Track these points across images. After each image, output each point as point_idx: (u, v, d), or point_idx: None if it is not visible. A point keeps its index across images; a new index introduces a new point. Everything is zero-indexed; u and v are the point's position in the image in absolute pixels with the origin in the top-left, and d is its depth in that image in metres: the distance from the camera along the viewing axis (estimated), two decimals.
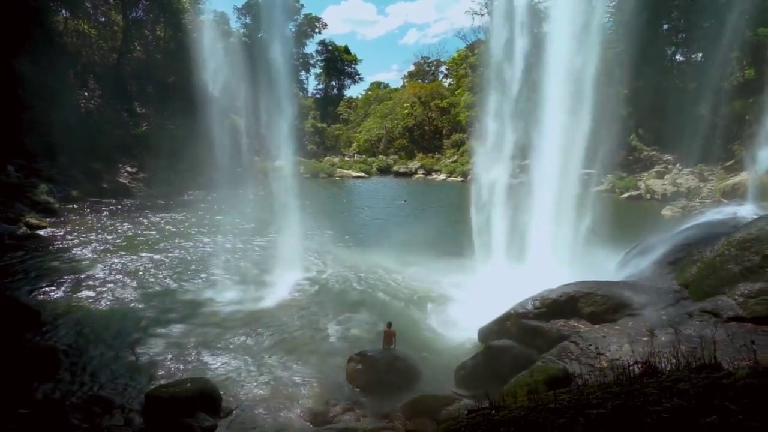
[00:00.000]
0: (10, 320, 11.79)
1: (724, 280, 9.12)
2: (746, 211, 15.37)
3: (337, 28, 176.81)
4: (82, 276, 16.26)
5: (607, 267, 14.57)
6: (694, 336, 7.27)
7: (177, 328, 12.40)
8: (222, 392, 8.84)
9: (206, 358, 10.81)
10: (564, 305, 10.31)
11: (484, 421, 3.29)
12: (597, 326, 9.44)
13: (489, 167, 18.65)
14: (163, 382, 9.26)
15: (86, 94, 42.46)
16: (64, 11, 42.48)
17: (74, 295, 14.44)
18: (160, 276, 16.86)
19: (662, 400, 2.87)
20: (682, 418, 2.56)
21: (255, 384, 9.69)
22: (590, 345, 8.31)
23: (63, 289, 14.93)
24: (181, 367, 10.36)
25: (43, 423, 7.35)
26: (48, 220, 24.54)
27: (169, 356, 10.85)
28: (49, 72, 35.48)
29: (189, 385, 8.48)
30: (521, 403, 3.80)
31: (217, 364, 10.50)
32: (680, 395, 2.89)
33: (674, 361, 4.13)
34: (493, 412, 3.49)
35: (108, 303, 14.05)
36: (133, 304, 14.03)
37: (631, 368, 4.10)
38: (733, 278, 8.98)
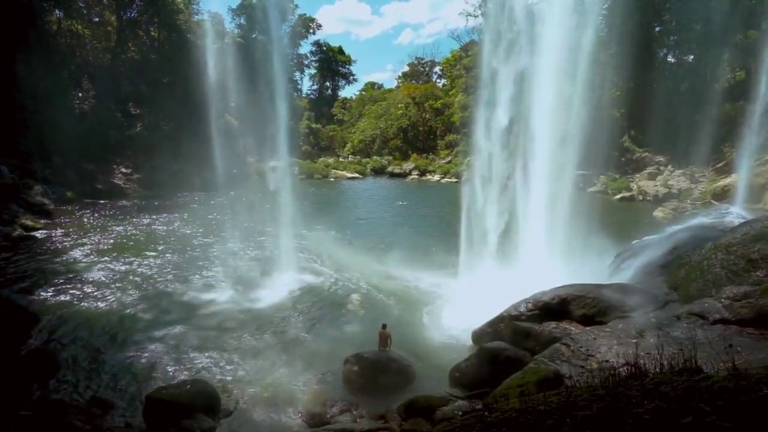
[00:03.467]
0: (8, 322, 11.88)
1: (711, 283, 9.37)
2: (734, 214, 15.68)
3: (331, 28, 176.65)
4: (79, 278, 16.35)
5: (600, 269, 14.81)
6: (681, 338, 7.50)
7: (175, 330, 12.52)
8: (220, 394, 8.97)
9: (204, 359, 10.94)
10: (556, 307, 10.54)
11: (477, 422, 3.48)
12: (588, 328, 9.66)
13: (483, 168, 18.81)
14: (162, 383, 9.38)
15: (80, 94, 42.38)
16: (57, 11, 42.30)
17: (71, 297, 14.53)
18: (157, 277, 16.96)
19: (644, 402, 3.07)
20: (661, 419, 2.75)
21: (253, 385, 9.83)
22: (581, 347, 8.53)
23: (60, 291, 15.01)
24: (180, 368, 10.50)
25: (45, 424, 7.46)
26: (43, 221, 24.56)
27: (168, 358, 10.97)
28: (43, 72, 35.40)
29: (188, 386, 8.61)
30: (513, 404, 3.99)
31: (215, 366, 10.64)
32: (661, 397, 3.08)
33: (659, 364, 4.33)
34: (486, 413, 3.68)
35: (105, 305, 14.14)
36: (130, 306, 14.13)
37: (617, 371, 4.31)
38: (719, 281, 9.23)
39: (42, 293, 14.75)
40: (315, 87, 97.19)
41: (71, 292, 15.01)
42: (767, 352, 5.79)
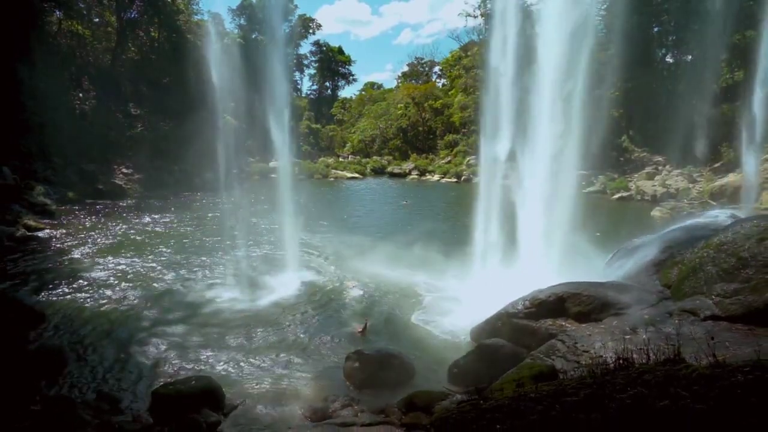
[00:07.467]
0: (15, 321, 12.11)
1: (703, 281, 9.59)
2: (728, 213, 15.93)
3: (331, 28, 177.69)
4: (83, 277, 16.57)
5: (596, 267, 15.04)
6: (672, 334, 7.72)
7: (179, 328, 12.75)
8: (225, 389, 9.18)
9: (208, 356, 11.16)
10: (552, 305, 10.77)
11: (473, 409, 3.71)
12: (583, 325, 9.90)
13: (486, 168, 18.94)
14: (167, 380, 9.60)
15: (81, 95, 42.58)
16: (57, 12, 42.52)
17: (76, 296, 14.75)
18: (160, 276, 17.19)
19: (627, 389, 3.30)
20: (641, 403, 2.99)
21: (256, 381, 10.05)
22: (576, 343, 8.76)
23: (65, 290, 15.24)
24: (184, 365, 10.70)
25: (55, 419, 7.68)
26: (45, 221, 24.77)
27: (172, 355, 11.19)
28: (44, 73, 35.63)
29: (194, 382, 8.82)
30: (507, 394, 4.22)
31: (219, 363, 10.85)
32: (643, 384, 3.32)
33: (646, 356, 4.56)
34: (481, 402, 3.91)
35: (109, 303, 14.36)
36: (134, 304, 14.36)
37: (607, 363, 4.54)
38: (711, 279, 9.46)
39: (47, 292, 14.97)
40: (315, 87, 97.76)
41: (76, 291, 15.23)
42: (754, 346, 6.01)
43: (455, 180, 56.58)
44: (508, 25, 17.46)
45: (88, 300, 14.54)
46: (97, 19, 46.59)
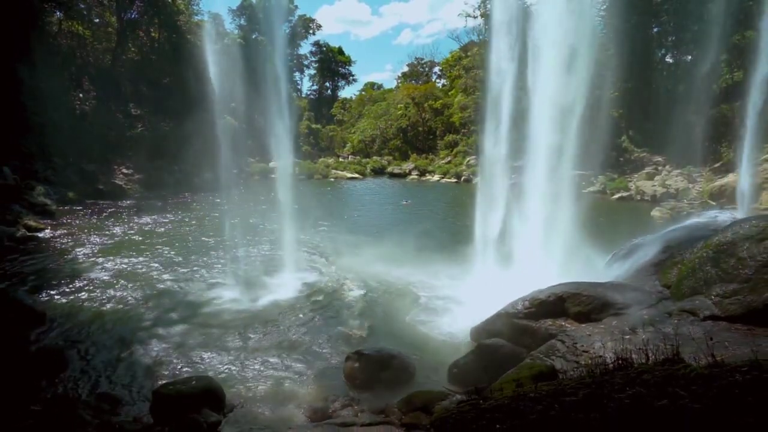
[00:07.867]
0: (15, 321, 12.13)
1: (702, 281, 9.60)
2: (727, 214, 15.96)
3: (331, 28, 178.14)
4: (83, 277, 16.59)
5: (596, 267, 15.05)
6: (671, 334, 7.73)
7: (179, 328, 12.76)
8: (225, 389, 9.19)
9: (208, 357, 11.16)
10: (552, 305, 10.77)
11: (472, 409, 3.72)
12: (583, 325, 9.90)
13: (489, 168, 18.97)
14: (168, 380, 9.61)
15: (81, 95, 42.62)
16: (58, 12, 42.56)
17: (76, 296, 14.77)
18: (160, 277, 17.20)
19: (626, 388, 3.32)
20: (639, 403, 3.01)
21: (256, 382, 10.06)
22: (576, 343, 8.77)
23: (65, 290, 15.25)
24: (185, 365, 10.71)
25: (55, 419, 7.69)
26: (46, 221, 24.80)
27: (173, 355, 11.20)
28: (44, 73, 35.66)
29: (194, 382, 8.82)
30: (506, 394, 4.24)
31: (219, 363, 10.86)
32: (642, 384, 3.33)
33: (645, 356, 4.58)
34: (480, 401, 3.92)
35: (110, 303, 14.37)
36: (134, 305, 14.37)
37: (606, 363, 4.56)
38: (710, 279, 9.47)
39: (47, 293, 14.98)
40: (315, 87, 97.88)
41: (76, 291, 15.25)
42: (752, 346, 6.03)
43: (455, 180, 56.65)
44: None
45: (88, 300, 14.55)
46: (97, 20, 46.62)
